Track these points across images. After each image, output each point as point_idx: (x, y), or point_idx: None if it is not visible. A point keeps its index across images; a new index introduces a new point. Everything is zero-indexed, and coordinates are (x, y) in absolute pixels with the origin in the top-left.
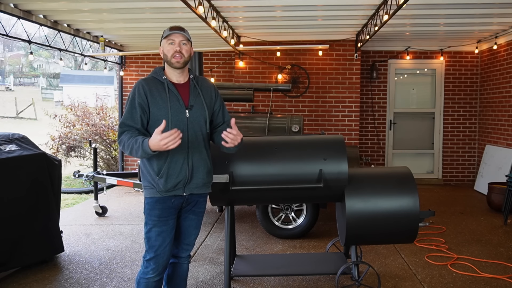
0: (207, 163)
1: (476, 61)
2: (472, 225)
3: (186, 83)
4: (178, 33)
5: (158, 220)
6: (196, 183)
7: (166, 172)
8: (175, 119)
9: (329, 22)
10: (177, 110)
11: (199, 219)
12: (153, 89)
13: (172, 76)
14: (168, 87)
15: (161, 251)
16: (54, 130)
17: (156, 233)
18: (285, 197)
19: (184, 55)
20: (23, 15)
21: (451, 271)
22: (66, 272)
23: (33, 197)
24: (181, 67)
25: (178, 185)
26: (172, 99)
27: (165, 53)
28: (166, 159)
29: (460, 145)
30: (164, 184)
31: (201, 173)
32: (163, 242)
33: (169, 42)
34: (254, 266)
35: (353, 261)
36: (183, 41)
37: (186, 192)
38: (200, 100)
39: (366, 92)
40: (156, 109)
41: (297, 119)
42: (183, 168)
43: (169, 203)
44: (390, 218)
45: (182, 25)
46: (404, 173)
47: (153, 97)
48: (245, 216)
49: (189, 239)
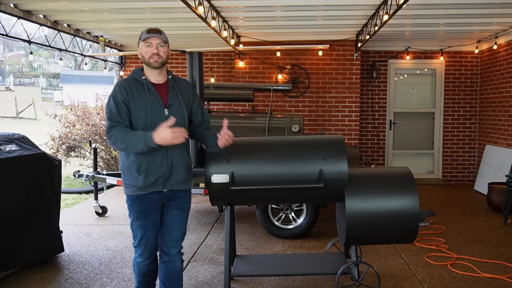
0: (186, 160)
1: (476, 61)
2: (472, 225)
3: (165, 83)
4: (155, 36)
5: (138, 215)
6: (176, 179)
7: (146, 169)
8: (154, 117)
9: (329, 22)
10: (156, 109)
11: (183, 214)
12: (133, 88)
13: (151, 76)
14: (148, 87)
15: (144, 241)
16: (54, 130)
17: (137, 226)
18: (285, 197)
19: (162, 56)
20: (23, 15)
21: (451, 271)
22: (66, 272)
23: (33, 197)
24: (159, 67)
25: (157, 181)
26: (152, 99)
27: (143, 55)
28: (146, 156)
29: (460, 145)
30: (143, 180)
31: (180, 169)
32: (144, 234)
33: (146, 45)
34: (254, 266)
35: (353, 261)
36: (160, 43)
37: (166, 188)
38: (178, 99)
39: (366, 92)
40: (136, 108)
41: (297, 119)
42: (163, 165)
43: (148, 200)
44: (390, 218)
45: (182, 25)
46: (404, 173)
47: (133, 96)
48: (245, 216)
49: (174, 235)
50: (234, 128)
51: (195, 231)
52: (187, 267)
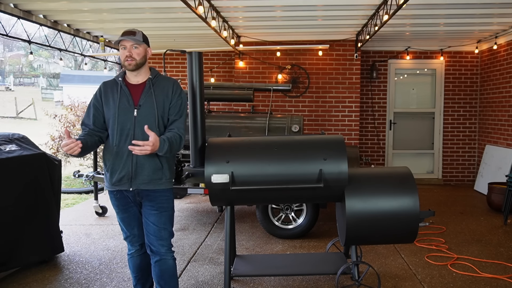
0: (155, 161)
1: (476, 61)
2: (472, 225)
3: (142, 84)
4: (128, 38)
5: (117, 209)
6: (142, 179)
7: (111, 167)
8: (122, 118)
9: (329, 22)
10: (124, 109)
11: (164, 214)
12: (108, 90)
13: (131, 77)
14: (121, 87)
15: (129, 233)
16: (54, 130)
17: (119, 219)
18: (285, 197)
19: (135, 59)
20: (23, 15)
21: (451, 271)
22: (66, 272)
23: (33, 197)
24: (133, 69)
25: (122, 180)
26: (122, 100)
27: (120, 58)
28: (112, 155)
29: (460, 145)
30: (109, 178)
31: (146, 170)
32: (128, 226)
33: (121, 48)
34: (254, 266)
35: (353, 261)
36: (134, 45)
37: (132, 187)
38: (151, 99)
39: (366, 92)
40: (107, 109)
41: (297, 119)
42: (126, 164)
43: (121, 195)
44: (390, 218)
45: (182, 25)
46: (404, 173)
47: (106, 98)
48: (245, 216)
49: (160, 235)
50: (234, 128)
51: (195, 231)
52: (187, 267)
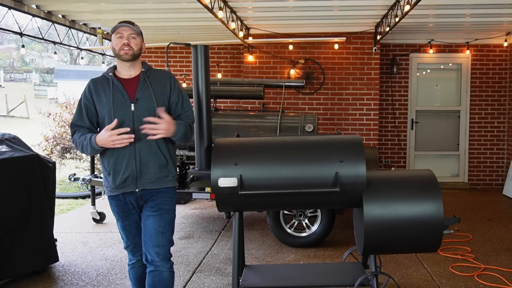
0: (159, 157)
1: (505, 55)
2: (501, 232)
3: (136, 77)
4: (127, 26)
5: (118, 216)
6: (148, 178)
7: (113, 169)
8: (119, 114)
9: (345, 12)
10: (120, 105)
11: (164, 217)
12: (99, 87)
13: (123, 71)
14: (113, 82)
15: (130, 242)
16: (47, 130)
17: (120, 227)
18: (298, 203)
19: (133, 48)
20: (14, 5)
21: (478, 283)
22: (61, 283)
23: (25, 202)
24: (129, 60)
25: (126, 181)
26: (116, 95)
27: (113, 47)
28: (112, 155)
29: (487, 146)
30: (112, 181)
31: (152, 167)
32: (129, 234)
33: (117, 36)
34: (264, 277)
35: (371, 272)
36: (132, 35)
37: (138, 187)
38: (148, 92)
39: (386, 88)
40: (100, 107)
41: (311, 118)
42: (130, 164)
43: (123, 199)
44: (412, 225)
45: (187, 16)
46: (427, 176)
47: (98, 96)
48: (255, 223)
49: (156, 241)
50: (243, 127)
51: (201, 239)
52: (191, 278)
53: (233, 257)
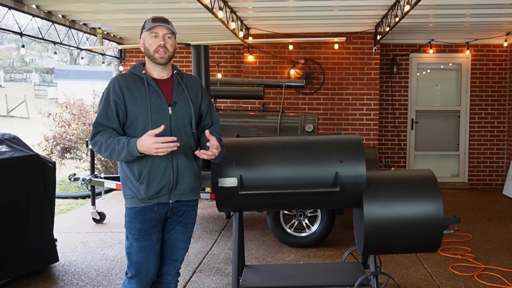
0: (194, 166)
1: (505, 55)
2: (501, 232)
3: (169, 79)
4: (163, 25)
5: (139, 234)
6: (183, 189)
7: (148, 177)
8: (155, 117)
9: (345, 12)
10: (158, 107)
11: (188, 231)
12: (131, 85)
13: (154, 71)
14: (148, 82)
15: (144, 269)
16: (47, 130)
17: (137, 248)
18: (298, 203)
19: (168, 50)
20: (14, 5)
21: (478, 283)
22: (61, 283)
23: (25, 202)
24: (165, 63)
25: (161, 191)
26: (153, 95)
27: (146, 47)
28: (147, 162)
29: (487, 146)
30: (145, 191)
31: (187, 177)
32: (145, 259)
33: (152, 35)
34: (264, 277)
35: (371, 272)
36: (168, 35)
37: (172, 199)
38: (184, 96)
39: (386, 88)
40: (134, 107)
41: (311, 118)
42: (167, 172)
43: (151, 214)
44: (412, 225)
45: (187, 16)
46: (427, 176)
47: (131, 94)
48: (255, 223)
49: (176, 255)
50: (243, 127)
51: (201, 239)
52: (191, 278)
53: (233, 257)
